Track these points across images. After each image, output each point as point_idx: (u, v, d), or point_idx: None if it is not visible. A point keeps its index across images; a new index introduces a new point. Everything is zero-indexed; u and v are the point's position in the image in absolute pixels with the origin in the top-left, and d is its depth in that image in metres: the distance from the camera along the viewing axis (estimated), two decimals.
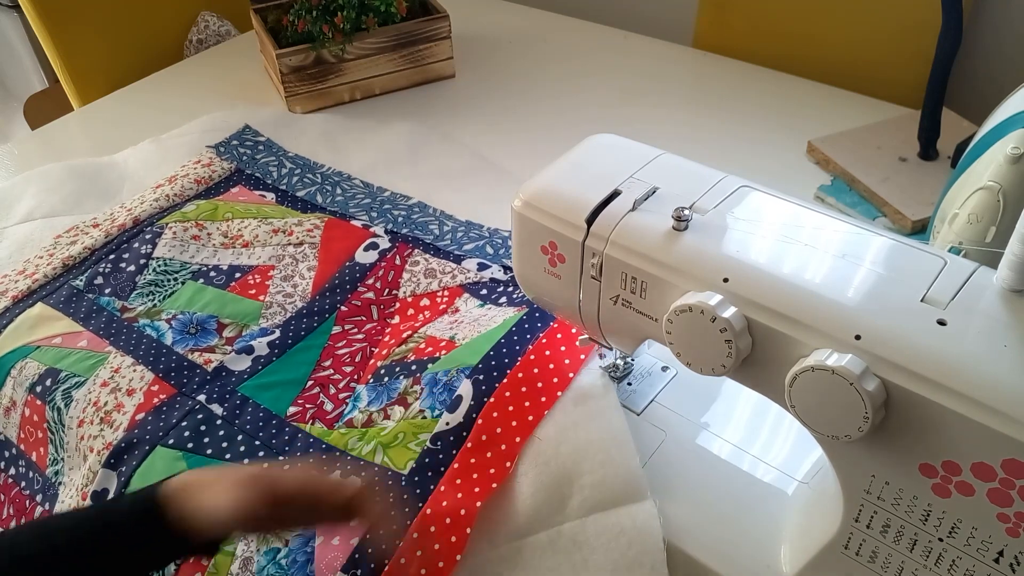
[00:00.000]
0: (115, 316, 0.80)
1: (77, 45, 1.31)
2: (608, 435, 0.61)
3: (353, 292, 0.82)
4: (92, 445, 0.70)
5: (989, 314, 0.43)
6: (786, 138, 1.02)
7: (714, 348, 0.47)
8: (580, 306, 0.57)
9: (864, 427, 0.42)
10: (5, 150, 1.15)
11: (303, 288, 0.83)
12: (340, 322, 0.80)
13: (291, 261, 0.86)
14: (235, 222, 0.91)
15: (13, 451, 0.78)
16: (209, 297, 0.82)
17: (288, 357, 0.76)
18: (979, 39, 1.16)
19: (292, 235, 0.89)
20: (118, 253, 0.87)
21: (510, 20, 1.37)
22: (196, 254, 0.87)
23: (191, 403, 0.71)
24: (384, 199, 0.96)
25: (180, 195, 0.96)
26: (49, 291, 0.84)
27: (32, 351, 0.78)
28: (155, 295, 0.83)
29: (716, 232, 0.51)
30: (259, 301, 0.82)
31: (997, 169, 0.60)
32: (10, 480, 0.78)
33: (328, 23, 1.09)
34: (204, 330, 0.79)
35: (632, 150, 0.58)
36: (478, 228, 0.90)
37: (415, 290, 0.82)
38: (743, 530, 0.58)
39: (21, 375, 0.77)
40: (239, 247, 0.88)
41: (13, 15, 1.94)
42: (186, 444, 0.68)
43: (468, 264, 0.84)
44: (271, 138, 1.08)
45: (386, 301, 0.82)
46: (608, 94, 1.15)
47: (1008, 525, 0.42)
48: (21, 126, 1.88)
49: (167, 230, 0.89)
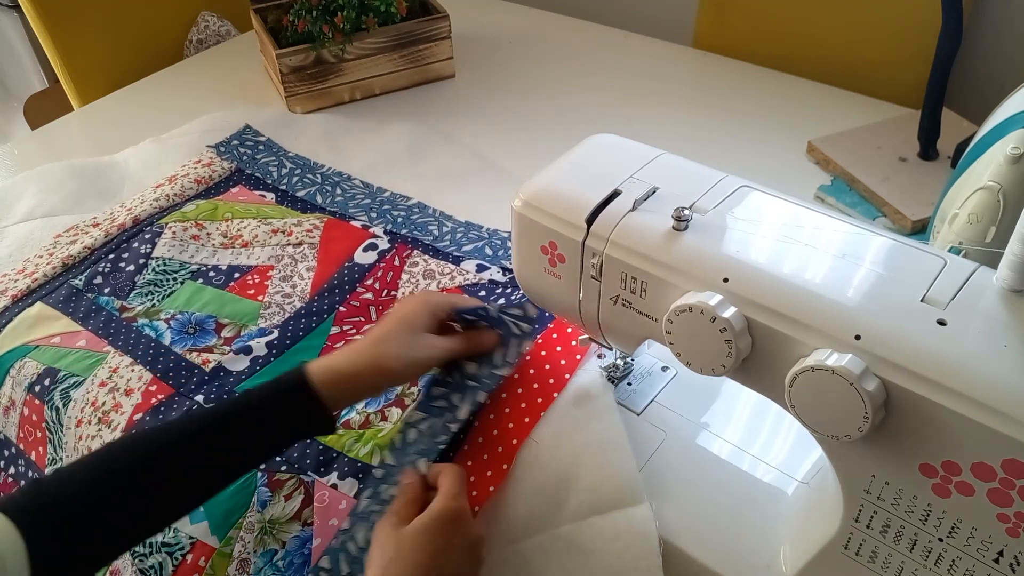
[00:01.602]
0: (114, 316, 0.80)
1: (77, 45, 1.31)
2: (605, 438, 0.61)
3: (352, 293, 0.82)
4: (90, 445, 0.70)
5: (989, 314, 0.43)
6: (786, 138, 1.02)
7: (714, 348, 0.47)
8: (580, 306, 0.57)
9: (864, 427, 0.42)
10: (5, 150, 1.15)
11: (302, 288, 0.83)
12: (338, 323, 0.79)
13: (290, 261, 0.86)
14: (235, 222, 0.91)
15: (12, 450, 0.78)
16: (208, 297, 0.82)
17: (286, 358, 0.76)
18: (979, 39, 1.16)
19: (291, 235, 0.89)
20: (118, 253, 0.87)
21: (510, 20, 1.37)
22: (195, 254, 0.87)
23: (188, 403, 0.71)
24: (384, 199, 0.96)
25: (180, 195, 0.96)
26: (48, 290, 0.84)
27: (31, 350, 0.78)
28: (154, 295, 0.83)
29: (716, 232, 0.51)
30: (258, 301, 0.82)
31: (997, 169, 0.60)
32: (10, 479, 0.78)
33: (328, 23, 1.09)
34: (203, 330, 0.79)
35: (632, 150, 0.58)
36: (477, 229, 0.90)
37: (413, 291, 0.82)
38: (743, 530, 0.58)
39: (20, 374, 0.77)
40: (238, 247, 0.88)
41: (13, 15, 1.94)
42: None
43: (467, 265, 0.84)
44: (271, 138, 1.08)
45: (385, 302, 0.82)
46: (608, 94, 1.15)
47: (1008, 525, 0.42)
48: (21, 126, 1.88)
49: (167, 230, 0.89)
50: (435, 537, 0.53)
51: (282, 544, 0.62)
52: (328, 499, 0.63)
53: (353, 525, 0.59)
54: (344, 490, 0.63)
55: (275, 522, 0.63)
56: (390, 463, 0.62)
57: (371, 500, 0.60)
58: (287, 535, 0.63)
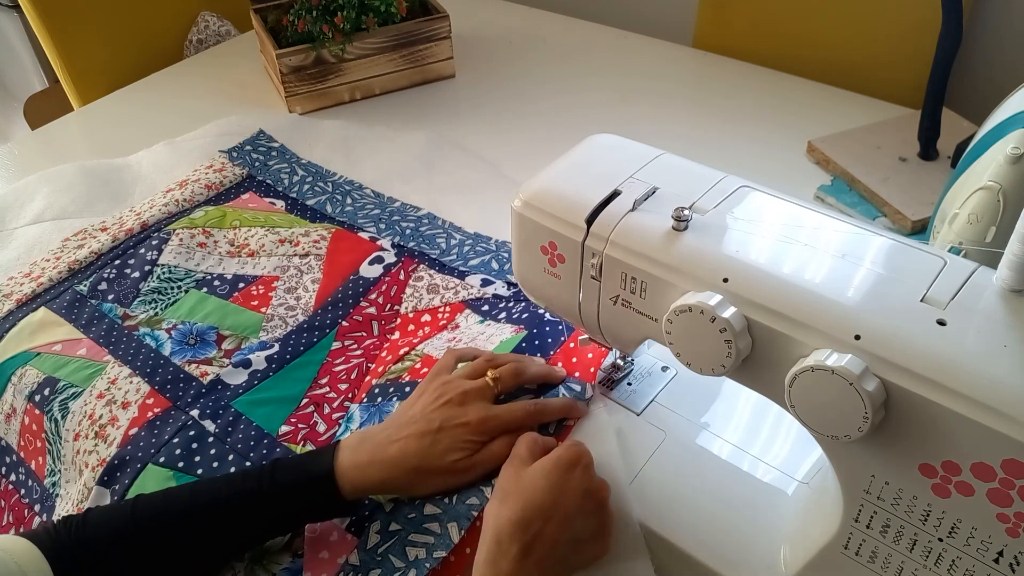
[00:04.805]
0: (116, 323, 0.80)
1: (77, 45, 1.31)
2: None
3: (355, 307, 0.82)
4: (87, 460, 0.70)
5: (989, 314, 0.43)
6: (786, 138, 1.02)
7: (714, 348, 0.47)
8: (580, 306, 0.57)
9: (864, 427, 0.42)
10: (5, 150, 1.14)
11: (306, 301, 0.83)
12: (340, 338, 0.79)
13: (295, 272, 0.86)
14: (242, 230, 0.90)
15: (13, 458, 0.78)
16: (211, 307, 0.81)
17: (285, 373, 0.75)
18: (979, 39, 1.16)
19: (298, 246, 0.88)
20: (124, 259, 0.87)
21: (510, 20, 1.37)
22: (201, 262, 0.87)
23: (184, 418, 0.71)
24: (394, 210, 0.95)
25: (190, 200, 0.96)
26: (53, 295, 0.84)
27: (32, 358, 0.78)
28: (157, 303, 0.82)
29: (716, 232, 0.51)
30: (260, 313, 0.81)
31: (997, 169, 0.59)
32: (11, 487, 0.78)
33: (328, 23, 1.09)
34: (203, 341, 0.78)
35: (632, 150, 0.58)
36: (486, 241, 0.89)
37: (416, 305, 0.82)
38: (743, 530, 0.58)
39: (21, 382, 0.77)
40: (244, 256, 0.88)
41: (13, 15, 1.94)
42: (176, 463, 0.67)
43: (472, 280, 0.83)
44: (285, 143, 1.08)
45: (387, 316, 0.81)
46: (608, 94, 1.15)
47: (1008, 525, 0.42)
48: (21, 126, 1.88)
49: (174, 236, 0.88)
50: (553, 477, 0.54)
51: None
52: (319, 530, 0.62)
53: (363, 563, 0.58)
54: (336, 520, 0.62)
55: (265, 552, 0.62)
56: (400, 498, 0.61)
57: (380, 536, 0.59)
58: (277, 567, 0.61)
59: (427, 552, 0.57)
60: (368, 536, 0.60)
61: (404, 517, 0.60)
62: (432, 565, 0.57)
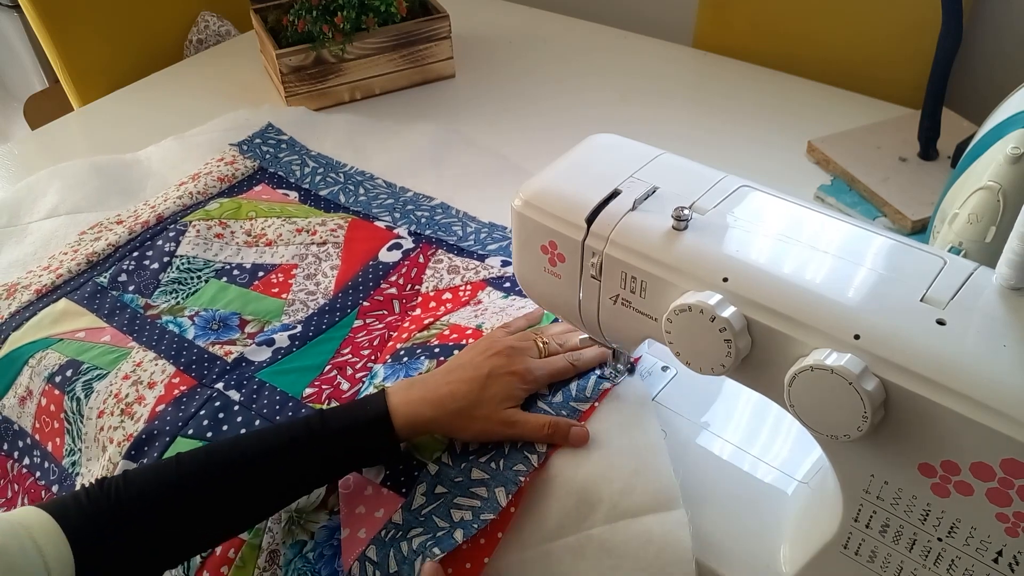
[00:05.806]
0: (138, 313, 0.81)
1: (77, 45, 1.31)
2: (642, 443, 0.60)
3: (376, 289, 0.82)
4: (112, 436, 0.71)
5: (989, 314, 0.43)
6: (786, 138, 1.02)
7: (714, 348, 0.47)
8: (580, 306, 0.57)
9: (863, 427, 0.42)
10: (5, 150, 1.15)
11: (326, 286, 0.83)
12: (362, 316, 0.80)
13: (314, 260, 0.86)
14: (258, 221, 0.91)
15: (28, 441, 0.78)
16: (232, 295, 0.82)
17: (308, 348, 0.76)
18: (979, 39, 1.16)
19: (316, 234, 0.89)
20: (142, 250, 0.87)
21: (510, 20, 1.37)
22: (220, 252, 0.87)
23: (210, 392, 0.72)
24: (407, 199, 0.96)
25: (204, 193, 0.96)
26: (73, 287, 0.85)
27: (54, 343, 0.78)
28: (178, 293, 0.83)
29: (716, 232, 0.51)
30: (281, 299, 0.82)
31: (997, 169, 0.60)
32: (24, 470, 0.78)
33: (328, 23, 1.09)
34: (226, 326, 0.79)
35: (632, 150, 0.58)
36: (501, 229, 0.90)
37: (437, 285, 0.82)
38: (743, 530, 0.58)
39: (40, 365, 0.77)
40: (262, 246, 0.88)
41: (13, 15, 1.94)
42: (205, 433, 0.68)
43: (492, 261, 0.84)
44: (294, 136, 1.08)
45: (408, 296, 0.82)
46: (608, 94, 1.15)
47: (1007, 525, 0.42)
48: (21, 126, 1.88)
49: (191, 228, 0.89)
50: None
51: (311, 535, 0.62)
52: (353, 485, 0.63)
53: (406, 521, 0.59)
54: (370, 476, 0.63)
55: (301, 512, 0.63)
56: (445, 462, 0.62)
57: (426, 498, 0.60)
58: (315, 525, 0.62)
59: (473, 514, 0.59)
60: (414, 497, 0.61)
61: (451, 481, 0.61)
62: (479, 526, 0.58)
